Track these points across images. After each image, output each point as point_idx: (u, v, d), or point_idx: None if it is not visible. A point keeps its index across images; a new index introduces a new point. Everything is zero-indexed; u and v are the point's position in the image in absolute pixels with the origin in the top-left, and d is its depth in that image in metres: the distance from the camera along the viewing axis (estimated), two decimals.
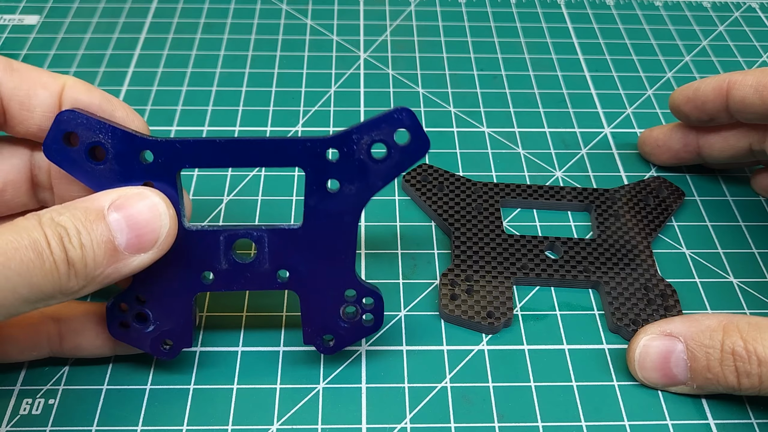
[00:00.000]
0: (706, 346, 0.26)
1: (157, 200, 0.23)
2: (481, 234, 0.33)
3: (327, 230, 0.25)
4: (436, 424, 0.27)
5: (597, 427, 0.27)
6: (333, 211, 0.25)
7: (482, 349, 0.30)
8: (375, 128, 0.24)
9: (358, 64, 0.45)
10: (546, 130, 0.41)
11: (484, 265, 0.32)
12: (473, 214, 0.34)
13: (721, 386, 0.26)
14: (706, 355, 0.26)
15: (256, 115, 0.41)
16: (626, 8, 0.51)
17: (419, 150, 0.24)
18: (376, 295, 0.27)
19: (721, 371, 0.26)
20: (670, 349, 0.27)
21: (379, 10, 0.50)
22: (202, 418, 0.27)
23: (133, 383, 0.28)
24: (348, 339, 0.27)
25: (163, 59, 0.45)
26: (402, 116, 0.24)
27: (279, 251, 0.26)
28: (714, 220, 0.36)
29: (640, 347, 0.28)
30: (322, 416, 0.27)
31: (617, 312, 0.30)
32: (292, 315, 0.31)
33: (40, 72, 0.25)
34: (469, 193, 0.35)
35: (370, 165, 0.24)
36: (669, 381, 0.28)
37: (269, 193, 0.36)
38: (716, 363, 0.26)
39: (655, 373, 0.28)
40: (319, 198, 0.25)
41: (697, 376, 0.27)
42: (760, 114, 0.31)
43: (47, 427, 0.27)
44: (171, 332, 0.27)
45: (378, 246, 0.34)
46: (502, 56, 0.46)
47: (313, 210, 0.25)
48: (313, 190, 0.25)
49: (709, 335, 0.26)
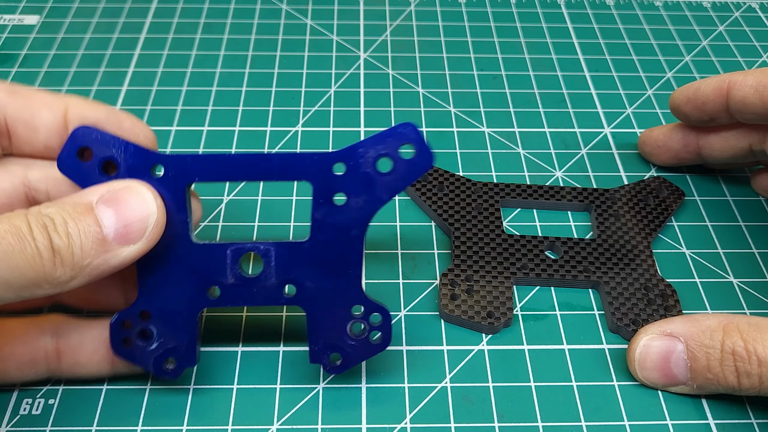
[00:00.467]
0: (707, 346, 0.26)
1: (144, 191, 0.24)
2: (481, 234, 0.33)
3: (334, 244, 0.26)
4: (436, 424, 0.27)
5: (597, 427, 0.27)
6: (340, 225, 0.25)
7: (482, 349, 0.30)
8: (381, 143, 0.25)
9: (358, 64, 0.45)
10: (546, 130, 0.41)
11: (484, 265, 0.32)
12: (473, 214, 0.34)
13: (721, 386, 0.26)
14: (706, 356, 0.26)
15: (256, 115, 0.41)
16: (626, 8, 0.51)
17: (424, 163, 0.25)
18: (384, 312, 0.27)
19: (722, 371, 0.26)
20: (671, 349, 0.27)
21: (379, 10, 0.50)
22: (202, 418, 0.27)
23: (133, 383, 0.28)
24: (355, 357, 0.27)
25: (163, 59, 0.45)
26: (407, 131, 0.25)
27: (286, 265, 0.26)
28: (714, 220, 0.36)
29: (640, 347, 0.28)
30: (322, 416, 0.27)
31: (617, 312, 0.30)
32: (292, 315, 0.31)
33: (42, 93, 0.25)
34: (469, 193, 0.35)
35: (376, 178, 0.25)
36: (669, 381, 0.28)
37: (269, 194, 0.36)
38: (716, 363, 0.26)
39: (656, 373, 0.28)
40: (326, 211, 0.25)
41: (697, 376, 0.27)
42: (760, 114, 0.31)
43: (47, 427, 0.27)
44: (175, 350, 0.26)
45: (378, 246, 0.34)
46: (502, 56, 0.46)
47: (320, 224, 0.25)
48: (320, 203, 0.25)
49: (710, 335, 0.26)
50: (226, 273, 0.26)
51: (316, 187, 0.25)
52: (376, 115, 0.41)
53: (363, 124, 0.40)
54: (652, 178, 0.37)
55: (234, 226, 0.34)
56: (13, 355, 0.26)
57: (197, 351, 0.27)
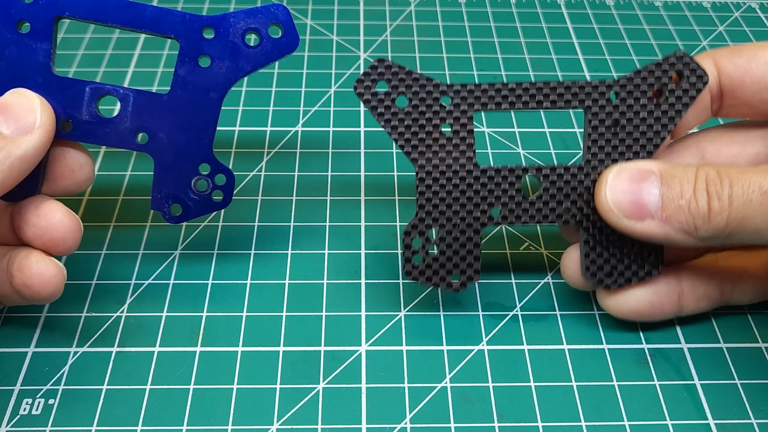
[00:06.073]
0: (681, 175, 0.26)
1: (23, 90, 0.26)
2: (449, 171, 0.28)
3: (192, 102, 0.28)
4: (436, 424, 0.27)
5: (597, 427, 0.27)
6: (201, 85, 0.28)
7: (482, 349, 0.30)
8: (251, 16, 0.27)
9: (358, 64, 0.45)
10: (546, 130, 0.41)
11: (451, 215, 0.28)
12: (441, 142, 0.28)
13: (691, 216, 0.25)
14: (679, 182, 0.26)
15: (256, 115, 0.41)
16: (626, 8, 0.51)
17: (289, 45, 0.27)
18: (229, 173, 0.29)
19: (693, 197, 0.25)
20: (645, 175, 0.26)
21: (379, 10, 0.50)
22: (202, 418, 0.27)
23: (133, 383, 0.28)
24: (195, 211, 0.29)
25: (163, 59, 0.45)
26: (278, 11, 0.27)
27: (142, 113, 0.28)
28: None
29: (614, 170, 0.27)
30: (322, 416, 0.27)
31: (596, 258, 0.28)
32: (292, 315, 0.31)
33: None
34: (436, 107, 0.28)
35: (242, 49, 0.27)
36: (637, 210, 0.26)
37: (269, 194, 0.36)
38: (689, 188, 0.25)
39: (626, 197, 0.26)
40: (190, 70, 0.27)
41: (668, 204, 0.26)
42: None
43: (47, 427, 0.27)
44: None
45: (378, 246, 0.34)
46: (502, 56, 0.46)
47: (182, 80, 0.28)
48: (185, 61, 0.27)
49: (684, 167, 0.26)
50: (82, 109, 0.27)
51: (183, 46, 0.27)
52: None
53: (363, 124, 0.40)
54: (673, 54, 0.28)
55: (234, 227, 0.35)
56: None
57: (40, 178, 0.27)
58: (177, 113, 0.28)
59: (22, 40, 0.27)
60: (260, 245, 0.34)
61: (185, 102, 0.28)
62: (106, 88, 0.27)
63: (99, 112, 0.27)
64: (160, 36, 0.27)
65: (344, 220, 0.35)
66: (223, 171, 0.29)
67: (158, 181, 0.28)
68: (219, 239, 0.34)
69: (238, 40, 0.27)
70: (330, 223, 0.35)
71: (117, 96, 0.28)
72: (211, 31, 0.27)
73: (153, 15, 0.27)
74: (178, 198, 0.29)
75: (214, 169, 0.29)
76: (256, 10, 0.27)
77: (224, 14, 0.27)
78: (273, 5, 0.27)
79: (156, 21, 0.27)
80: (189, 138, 0.28)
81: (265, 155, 0.38)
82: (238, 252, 0.33)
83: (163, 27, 0.27)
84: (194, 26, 0.27)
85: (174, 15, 0.27)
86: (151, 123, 0.28)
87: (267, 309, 0.31)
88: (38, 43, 0.27)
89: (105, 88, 0.27)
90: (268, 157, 0.38)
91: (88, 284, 0.32)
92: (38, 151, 0.25)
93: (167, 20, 0.27)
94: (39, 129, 0.25)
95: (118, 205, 0.35)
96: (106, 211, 0.35)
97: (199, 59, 0.27)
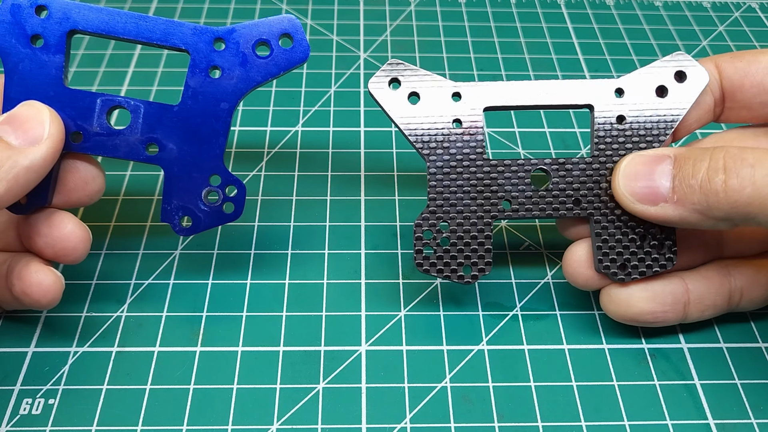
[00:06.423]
0: (695, 157, 0.25)
1: (33, 101, 0.26)
2: (460, 166, 0.29)
3: (203, 113, 0.28)
4: (436, 424, 0.27)
5: (597, 427, 0.27)
6: (211, 96, 0.27)
7: (482, 349, 0.30)
8: (262, 28, 0.27)
9: (358, 64, 0.45)
10: (546, 130, 0.41)
11: (462, 208, 0.29)
12: (451, 137, 0.29)
13: (703, 196, 0.25)
14: (692, 163, 0.25)
15: (256, 115, 0.41)
16: (626, 8, 0.51)
17: (300, 55, 0.28)
18: (240, 185, 0.28)
19: (706, 175, 0.25)
20: (660, 159, 0.26)
21: (379, 10, 0.50)
22: (202, 418, 0.27)
23: (133, 383, 0.28)
24: (206, 223, 0.29)
25: (163, 59, 0.45)
26: (288, 23, 0.27)
27: (152, 124, 0.28)
28: None
29: (629, 159, 0.27)
30: (322, 416, 0.27)
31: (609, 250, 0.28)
32: (292, 315, 0.31)
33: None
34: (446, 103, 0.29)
35: (253, 60, 0.27)
36: (650, 194, 0.26)
37: (269, 194, 0.36)
38: (702, 166, 0.25)
39: (639, 183, 0.26)
40: (201, 81, 0.27)
41: (680, 185, 0.25)
42: None
43: (47, 427, 0.27)
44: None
45: (378, 246, 0.34)
46: (502, 56, 0.46)
47: (192, 91, 0.27)
48: (196, 73, 0.27)
49: (700, 150, 0.26)
50: (92, 121, 0.27)
51: (193, 58, 0.27)
52: (376, 115, 0.41)
53: (363, 124, 0.40)
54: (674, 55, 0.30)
55: (234, 227, 0.35)
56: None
57: (50, 191, 0.27)
58: (187, 124, 0.28)
59: (35, 54, 0.27)
60: (260, 245, 0.34)
61: (196, 113, 0.28)
62: (117, 99, 0.27)
63: (110, 123, 0.28)
64: (172, 49, 0.27)
65: (344, 220, 0.35)
66: (234, 182, 0.28)
67: (168, 193, 0.28)
68: (219, 239, 0.34)
69: (249, 51, 0.27)
70: (330, 223, 0.35)
71: (128, 107, 0.28)
72: (221, 43, 0.27)
73: (164, 28, 0.27)
74: (188, 210, 0.28)
75: (225, 180, 0.28)
76: (267, 21, 0.27)
77: (234, 26, 0.27)
78: (283, 17, 0.27)
79: (167, 34, 0.27)
80: (199, 149, 0.28)
81: (265, 155, 0.39)
82: (238, 252, 0.33)
83: (174, 39, 0.27)
84: (205, 38, 0.27)
85: (185, 27, 0.27)
86: (161, 134, 0.28)
87: (267, 309, 0.31)
88: (51, 57, 0.27)
89: (116, 100, 0.27)
90: (268, 157, 0.38)
91: (88, 284, 0.32)
92: (46, 162, 0.25)
93: (178, 33, 0.27)
94: (47, 140, 0.25)
95: (118, 205, 0.35)
96: (106, 211, 0.35)
97: (210, 71, 0.27)
